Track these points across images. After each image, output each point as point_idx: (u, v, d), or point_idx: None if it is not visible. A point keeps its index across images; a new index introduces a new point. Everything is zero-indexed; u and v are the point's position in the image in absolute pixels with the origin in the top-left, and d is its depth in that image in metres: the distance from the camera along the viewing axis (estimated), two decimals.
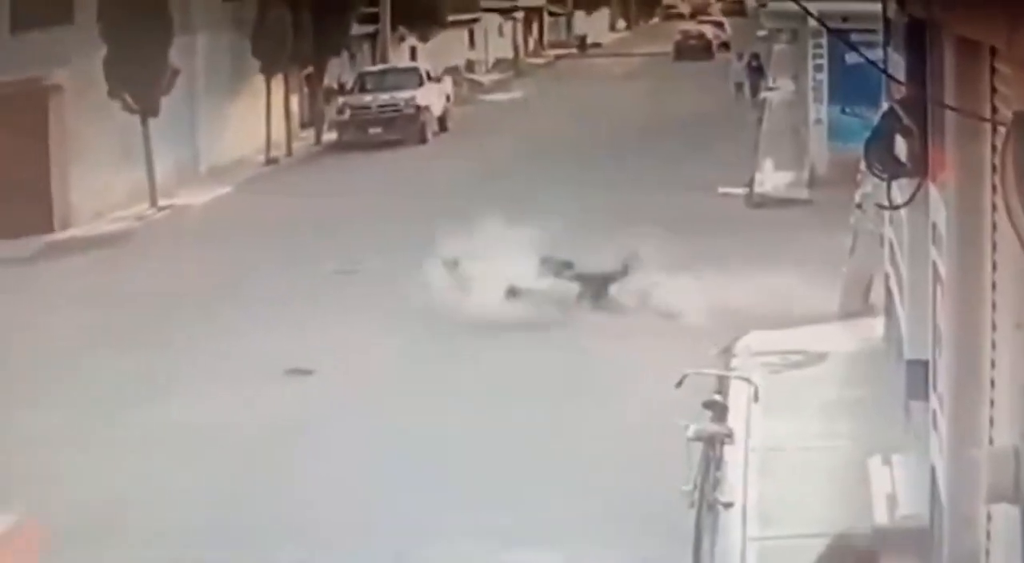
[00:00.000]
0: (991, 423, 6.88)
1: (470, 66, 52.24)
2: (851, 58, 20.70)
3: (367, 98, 35.40)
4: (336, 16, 34.67)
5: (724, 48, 56.94)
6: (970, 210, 7.13)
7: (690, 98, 40.02)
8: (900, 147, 8.94)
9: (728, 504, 9.47)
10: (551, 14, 68.42)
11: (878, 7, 11.88)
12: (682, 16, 78.06)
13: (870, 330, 13.74)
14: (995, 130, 6.65)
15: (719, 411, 9.85)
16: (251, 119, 32.49)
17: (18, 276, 20.84)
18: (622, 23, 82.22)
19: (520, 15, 61.14)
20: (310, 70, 35.64)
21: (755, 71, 40.25)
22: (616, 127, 34.34)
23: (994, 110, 6.68)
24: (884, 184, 9.64)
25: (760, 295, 16.39)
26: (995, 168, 6.82)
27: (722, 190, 24.90)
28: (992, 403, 6.90)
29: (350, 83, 37.00)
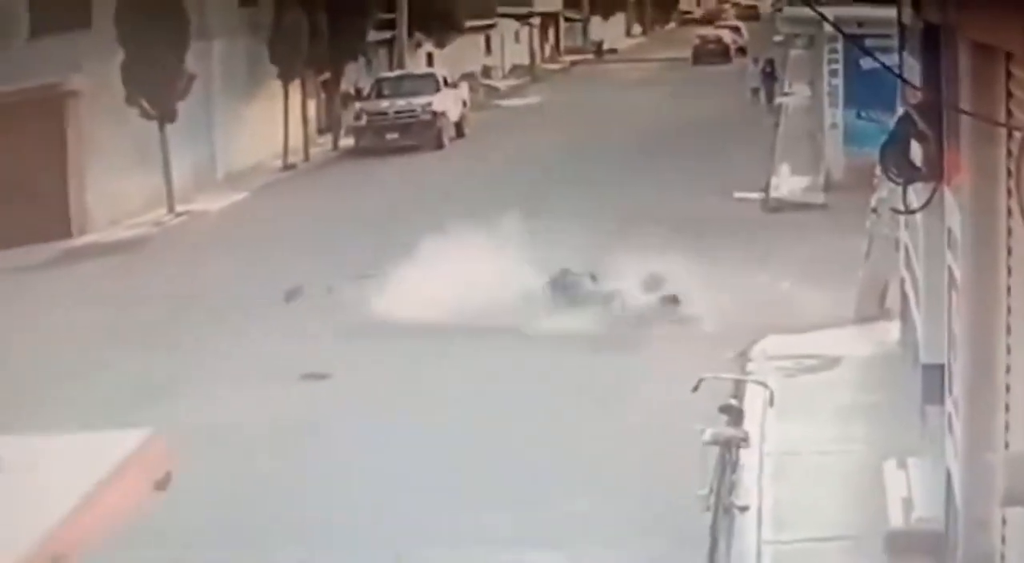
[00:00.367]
0: (1006, 427, 6.89)
1: (486, 72, 52.30)
2: (867, 63, 20.70)
3: (384, 104, 35.49)
4: (353, 21, 34.76)
5: (741, 53, 57.13)
6: (985, 214, 7.15)
7: (706, 103, 40.01)
8: (916, 152, 8.95)
9: (743, 508, 9.50)
10: (567, 20, 68.46)
11: (893, 12, 11.89)
12: (698, 22, 78.01)
13: (886, 334, 13.74)
14: (1010, 135, 6.66)
15: (735, 415, 9.87)
16: (268, 124, 32.58)
17: (35, 282, 20.95)
18: (638, 29, 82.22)
19: (536, 21, 61.20)
20: (327, 76, 35.72)
21: (770, 76, 40.27)
22: (632, 132, 34.35)
23: (1009, 114, 6.69)
24: (900, 188, 9.66)
25: (776, 299, 16.41)
26: (1010, 172, 6.84)
27: (738, 195, 24.90)
28: (1007, 407, 6.91)
29: (367, 89, 37.08)
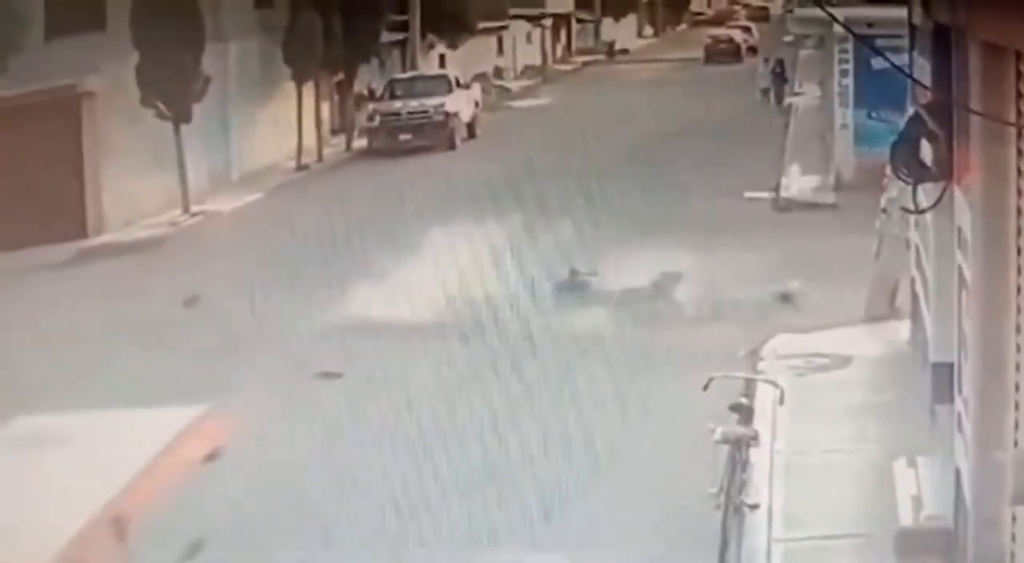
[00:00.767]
0: (1016, 426, 6.94)
1: (498, 73, 52.34)
2: (877, 63, 20.74)
3: (397, 105, 35.58)
4: (366, 23, 34.86)
5: (752, 52, 57.56)
6: (995, 214, 7.18)
7: (717, 104, 40.02)
8: (926, 151, 9.00)
9: (754, 506, 9.55)
10: (579, 21, 68.47)
11: (904, 12, 11.95)
12: (709, 22, 77.98)
13: (896, 333, 13.78)
14: (1020, 134, 6.71)
15: (745, 414, 9.93)
16: (282, 125, 32.69)
17: (51, 281, 21.07)
18: (649, 30, 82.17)
19: (548, 22, 61.21)
20: (341, 77, 35.82)
21: (780, 77, 40.29)
22: (643, 133, 34.39)
23: (1019, 114, 6.74)
24: (910, 188, 9.70)
25: (785, 298, 16.45)
26: (1020, 172, 6.89)
27: (748, 194, 24.93)
28: (1017, 406, 6.95)
29: (380, 90, 37.18)
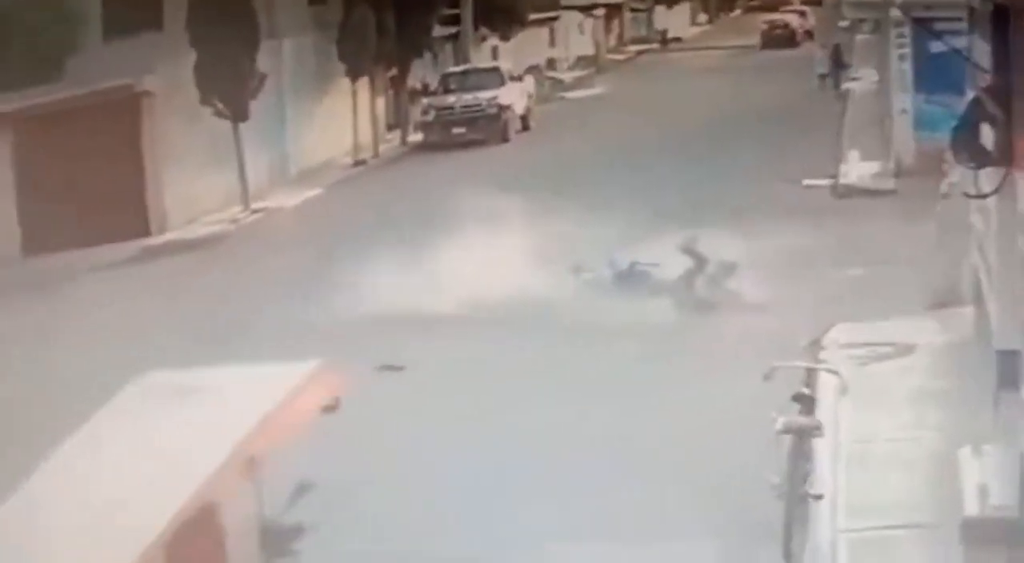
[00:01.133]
0: None
1: (551, 64, 52.31)
2: (935, 47, 20.52)
3: (450, 99, 35.69)
4: (419, 17, 34.99)
5: (808, 36, 57.36)
6: None
7: (773, 90, 39.80)
8: (986, 136, 8.92)
9: (818, 496, 9.52)
10: (632, 10, 68.26)
11: None
12: (763, 8, 77.50)
13: (959, 320, 13.66)
14: None
15: (808, 404, 9.89)
16: (338, 121, 32.89)
17: (117, 278, 21.38)
18: (703, 17, 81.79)
19: (601, 12, 61.07)
20: (395, 72, 35.96)
21: (837, 62, 39.99)
22: (698, 121, 34.28)
23: None
24: (971, 173, 9.63)
25: (847, 286, 16.36)
26: None
27: (807, 182, 24.79)
28: None
29: (434, 84, 37.29)
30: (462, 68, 39.30)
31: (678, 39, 68.48)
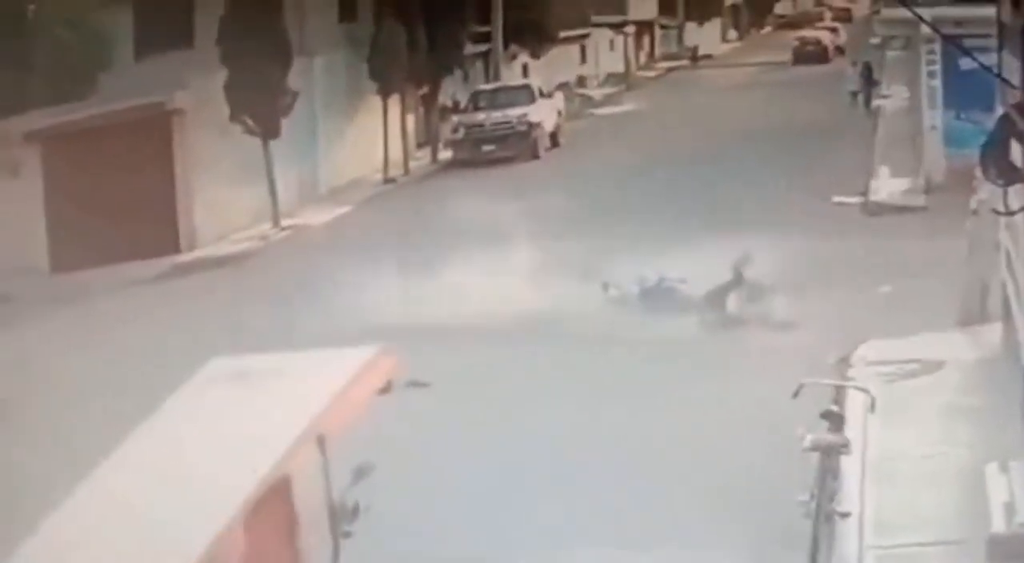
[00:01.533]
0: None
1: (581, 81, 52.36)
2: (965, 63, 20.46)
3: (481, 116, 35.77)
4: (449, 35, 35.10)
5: (839, 52, 57.49)
6: None
7: (804, 107, 39.71)
8: (1016, 152, 8.89)
9: (845, 514, 9.48)
10: (662, 27, 68.26)
11: (992, 11, 11.80)
12: (793, 25, 77.40)
13: (988, 337, 13.59)
14: None
15: (836, 421, 9.85)
16: (369, 139, 33.01)
17: (147, 295, 21.51)
18: (733, 34, 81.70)
19: (631, 29, 61.11)
20: (425, 89, 36.06)
21: (868, 79, 39.93)
22: (728, 138, 34.22)
23: None
24: (1000, 190, 9.59)
25: (876, 304, 16.30)
26: None
27: (836, 199, 24.72)
28: None
29: (464, 101, 37.39)
30: (492, 85, 39.39)
31: (709, 56, 68.44)
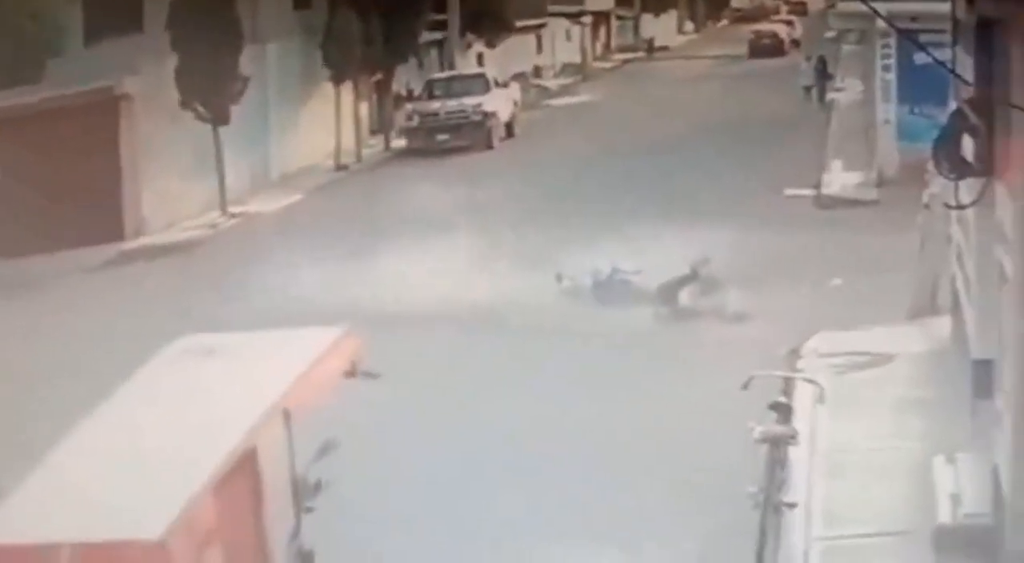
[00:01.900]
0: None
1: (537, 71, 52.30)
2: (920, 58, 20.55)
3: (435, 105, 35.63)
4: (405, 23, 34.93)
5: (795, 45, 58.41)
6: None
7: (758, 100, 39.84)
8: (968, 147, 8.90)
9: (792, 505, 9.47)
10: (619, 18, 68.33)
11: (947, 7, 11.79)
12: (749, 18, 77.78)
13: (937, 330, 13.65)
14: None
15: (784, 412, 9.85)
16: (321, 126, 32.79)
17: (94, 281, 21.26)
18: (690, 26, 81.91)
19: (588, 19, 61.12)
20: (379, 77, 35.90)
21: (822, 73, 40.11)
22: (682, 130, 34.27)
23: None
24: (952, 184, 9.60)
25: (826, 296, 16.34)
26: None
27: (789, 191, 24.79)
28: None
29: (418, 90, 37.24)
30: (447, 74, 39.24)
31: (665, 48, 68.57)
